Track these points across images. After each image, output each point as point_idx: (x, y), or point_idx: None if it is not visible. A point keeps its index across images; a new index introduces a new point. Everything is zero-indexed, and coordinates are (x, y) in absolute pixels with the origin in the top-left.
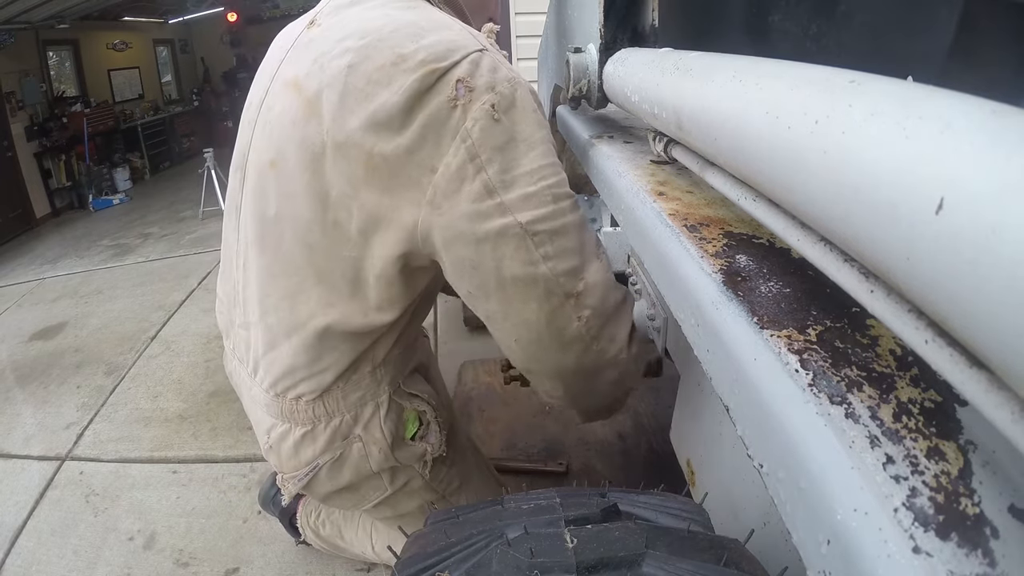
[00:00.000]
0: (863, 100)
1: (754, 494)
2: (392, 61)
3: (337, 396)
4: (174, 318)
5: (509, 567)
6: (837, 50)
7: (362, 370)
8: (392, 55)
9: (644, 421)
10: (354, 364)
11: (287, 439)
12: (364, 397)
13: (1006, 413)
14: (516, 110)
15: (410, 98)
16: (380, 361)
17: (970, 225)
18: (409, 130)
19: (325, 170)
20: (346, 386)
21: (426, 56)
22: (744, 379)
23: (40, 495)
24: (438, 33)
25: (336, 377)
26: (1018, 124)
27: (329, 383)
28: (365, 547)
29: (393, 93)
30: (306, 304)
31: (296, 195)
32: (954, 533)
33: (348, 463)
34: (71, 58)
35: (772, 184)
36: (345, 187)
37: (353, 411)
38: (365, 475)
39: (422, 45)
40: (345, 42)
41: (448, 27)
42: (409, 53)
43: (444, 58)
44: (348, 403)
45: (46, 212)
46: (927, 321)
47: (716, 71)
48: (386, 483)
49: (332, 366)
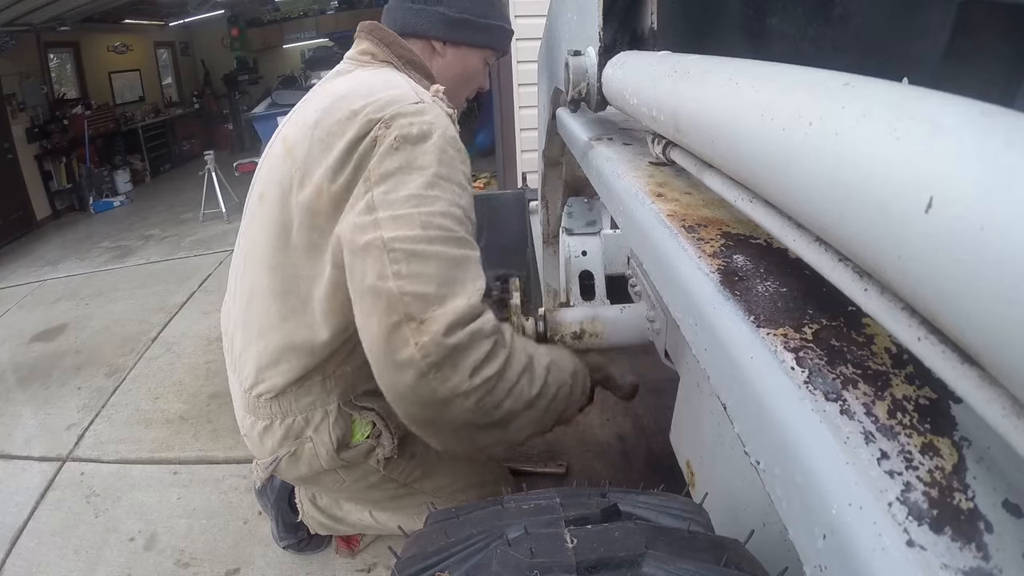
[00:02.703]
0: (856, 102)
1: (754, 494)
2: (347, 116)
3: (291, 398)
4: (175, 320)
5: (509, 567)
6: (834, 52)
7: (312, 379)
8: (347, 111)
9: (644, 422)
10: (305, 374)
11: (254, 429)
12: (314, 403)
13: (997, 408)
14: (422, 145)
15: (351, 142)
16: (330, 374)
17: (959, 224)
18: (348, 168)
19: (291, 204)
20: (298, 391)
21: (370, 109)
22: (741, 377)
23: (41, 496)
24: (387, 91)
25: (287, 383)
26: (1007, 124)
27: (282, 386)
28: (363, 514)
29: (343, 140)
30: (268, 317)
31: (269, 223)
32: (948, 527)
33: (302, 459)
34: (72, 60)
35: (768, 185)
36: (304, 217)
37: (304, 413)
38: (318, 470)
39: (370, 101)
40: (319, 105)
41: (398, 86)
42: (359, 108)
43: (382, 110)
44: (300, 406)
45: (47, 214)
46: (919, 319)
47: (713, 74)
48: (342, 476)
49: (285, 373)
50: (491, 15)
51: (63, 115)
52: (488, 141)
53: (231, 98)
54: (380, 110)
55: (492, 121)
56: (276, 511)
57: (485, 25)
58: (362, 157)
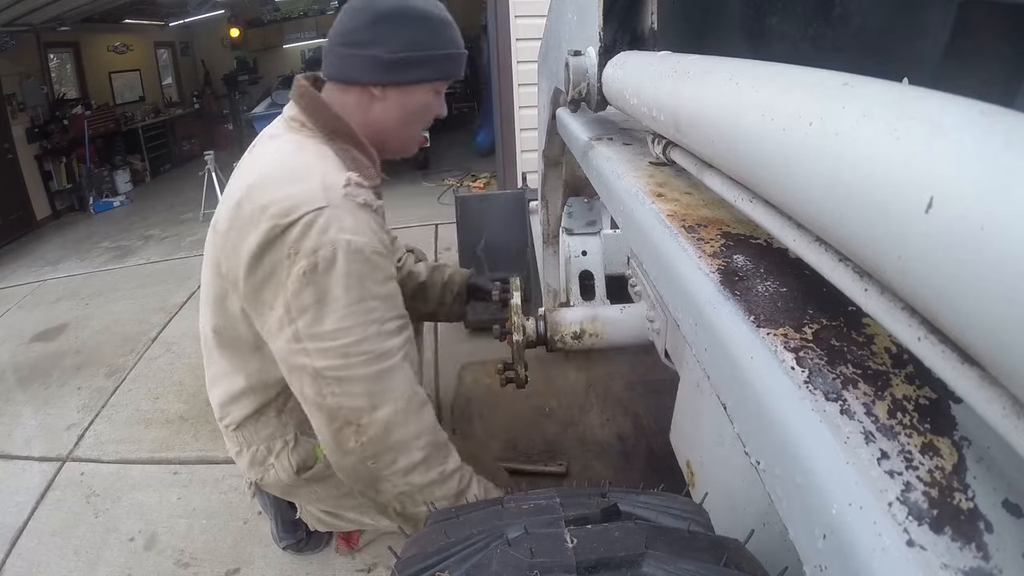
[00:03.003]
0: (856, 102)
1: (754, 494)
2: (259, 209)
3: (251, 430)
4: (175, 320)
5: (509, 567)
6: (834, 53)
7: (268, 414)
8: (259, 204)
9: (644, 422)
10: (260, 408)
11: (231, 453)
12: (273, 435)
13: (997, 408)
14: (331, 273)
15: (261, 246)
16: (283, 408)
17: (959, 224)
18: (260, 271)
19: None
20: (256, 424)
21: (276, 211)
22: (741, 377)
23: (41, 496)
24: (295, 185)
25: (245, 417)
26: (1006, 124)
27: (240, 420)
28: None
29: (255, 236)
30: (219, 365)
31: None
32: (948, 527)
33: (270, 483)
34: (72, 60)
35: (768, 185)
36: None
37: (266, 443)
38: (289, 489)
39: (276, 199)
40: (244, 181)
41: (306, 178)
42: (268, 203)
43: (286, 215)
44: (260, 437)
45: (47, 214)
46: (919, 319)
47: (713, 74)
48: (315, 489)
49: (242, 408)
50: (434, 45)
51: (63, 115)
52: (488, 141)
53: (231, 98)
54: (286, 214)
55: (492, 121)
56: (275, 509)
57: (427, 58)
58: (275, 268)
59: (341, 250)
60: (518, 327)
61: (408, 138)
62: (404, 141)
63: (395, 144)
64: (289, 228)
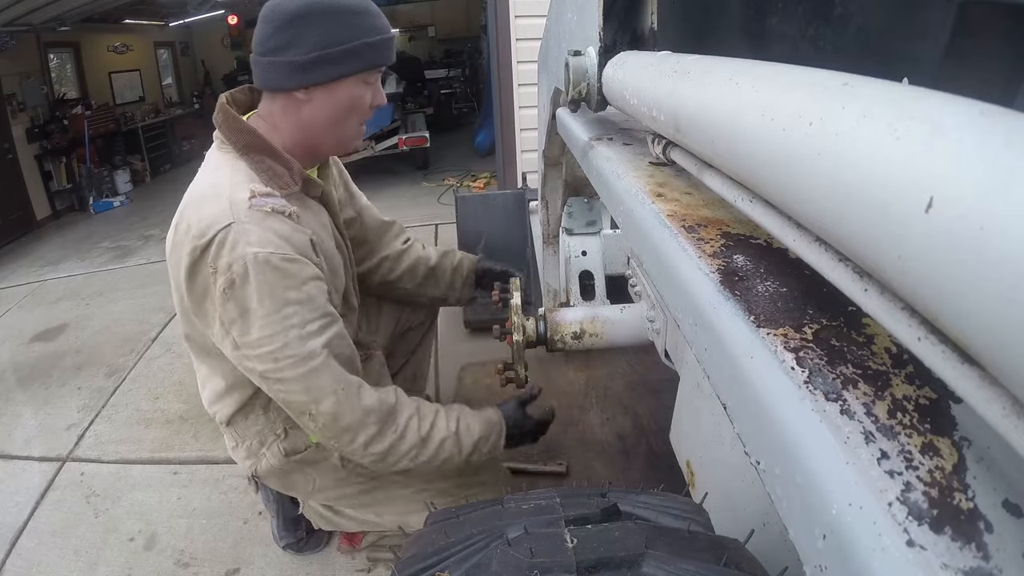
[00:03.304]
0: (856, 102)
1: (754, 494)
2: (184, 231)
3: (241, 426)
4: (175, 320)
5: (509, 567)
6: (834, 53)
7: (255, 410)
8: (185, 226)
9: (644, 422)
10: (245, 406)
11: (228, 447)
12: (263, 430)
13: (997, 408)
14: (246, 287)
15: (189, 267)
16: (269, 406)
17: (959, 223)
18: (195, 289)
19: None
20: (245, 421)
21: (195, 233)
22: (741, 377)
23: (41, 496)
24: (208, 206)
25: (232, 413)
26: (1006, 124)
27: (229, 416)
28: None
29: (185, 258)
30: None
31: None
32: (948, 527)
33: (264, 472)
34: (72, 60)
35: (768, 185)
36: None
37: (258, 438)
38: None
39: (194, 221)
40: (184, 201)
41: (216, 197)
42: (190, 226)
43: (202, 236)
44: (251, 432)
45: (47, 214)
46: (919, 319)
47: (713, 74)
48: (311, 476)
49: (229, 405)
50: (353, 36)
51: (63, 115)
52: (488, 141)
53: None
54: (202, 235)
55: (492, 121)
56: (277, 506)
57: (347, 51)
58: (205, 286)
59: (250, 263)
60: (518, 327)
61: (345, 134)
62: (341, 138)
63: (332, 142)
64: (207, 248)
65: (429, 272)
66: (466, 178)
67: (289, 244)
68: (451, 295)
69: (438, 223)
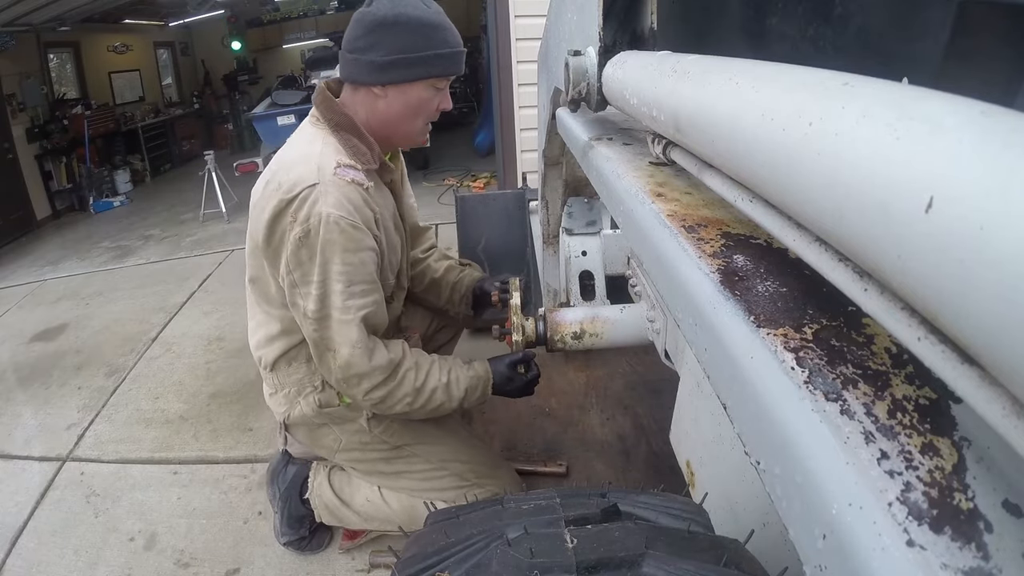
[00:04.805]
0: (856, 102)
1: (754, 494)
2: (274, 188)
3: (283, 373)
4: (175, 320)
5: (509, 567)
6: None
7: (299, 359)
8: (275, 184)
9: (644, 422)
10: (288, 354)
11: (266, 394)
12: (303, 380)
13: (997, 408)
14: (316, 238)
15: (272, 217)
16: (312, 359)
17: (959, 223)
18: (274, 238)
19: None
20: (288, 368)
21: (285, 187)
22: (741, 377)
23: (41, 496)
24: (297, 168)
25: (277, 357)
26: (1007, 124)
27: (273, 360)
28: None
29: (269, 209)
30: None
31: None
32: (948, 527)
33: (295, 419)
34: (72, 60)
35: (768, 185)
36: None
37: (296, 387)
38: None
39: (284, 180)
40: (274, 165)
41: (306, 161)
42: (280, 184)
43: (290, 191)
44: (291, 380)
45: (47, 214)
46: (919, 319)
47: (713, 74)
48: (338, 434)
49: (276, 350)
50: (427, 46)
51: (63, 115)
52: (488, 141)
53: (231, 98)
54: (289, 190)
55: (492, 121)
56: (284, 502)
57: (420, 58)
58: (283, 232)
59: (323, 220)
60: (518, 327)
61: (413, 129)
62: (409, 132)
63: (401, 134)
64: (292, 201)
65: (432, 283)
66: (466, 178)
67: (358, 213)
68: (450, 309)
69: (438, 223)
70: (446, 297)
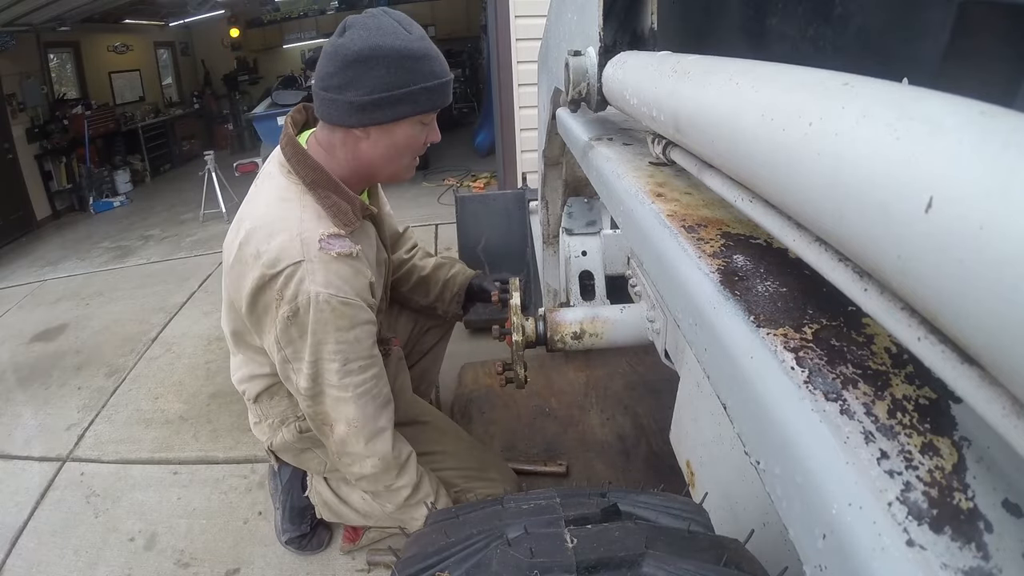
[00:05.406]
0: (856, 102)
1: (754, 494)
2: (253, 255)
3: (266, 405)
4: (175, 320)
5: (509, 567)
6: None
7: (280, 394)
8: (254, 251)
9: (644, 422)
10: (271, 389)
11: (251, 422)
12: (285, 412)
13: (997, 408)
14: (306, 317)
15: (254, 289)
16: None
17: (959, 223)
18: (257, 307)
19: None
20: (271, 401)
21: (265, 261)
22: (741, 377)
23: (41, 496)
24: (279, 237)
25: (259, 392)
26: (1006, 124)
27: (256, 394)
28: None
29: (251, 279)
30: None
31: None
32: (948, 527)
33: (279, 445)
34: (72, 60)
35: (768, 185)
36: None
37: (280, 417)
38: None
39: (266, 249)
40: (244, 221)
41: (286, 229)
42: (259, 253)
43: (272, 266)
44: (274, 412)
45: (47, 214)
46: (919, 318)
47: (713, 74)
48: (322, 456)
49: (256, 386)
50: (411, 80)
51: (63, 115)
52: (488, 141)
53: (231, 98)
54: (272, 265)
55: (492, 121)
56: (286, 494)
57: (402, 96)
58: (267, 306)
59: (312, 300)
60: (517, 327)
61: (399, 167)
62: (395, 171)
63: (387, 174)
64: (275, 278)
65: (420, 281)
66: (466, 178)
67: (349, 287)
68: (439, 306)
69: (438, 223)
70: (436, 294)
